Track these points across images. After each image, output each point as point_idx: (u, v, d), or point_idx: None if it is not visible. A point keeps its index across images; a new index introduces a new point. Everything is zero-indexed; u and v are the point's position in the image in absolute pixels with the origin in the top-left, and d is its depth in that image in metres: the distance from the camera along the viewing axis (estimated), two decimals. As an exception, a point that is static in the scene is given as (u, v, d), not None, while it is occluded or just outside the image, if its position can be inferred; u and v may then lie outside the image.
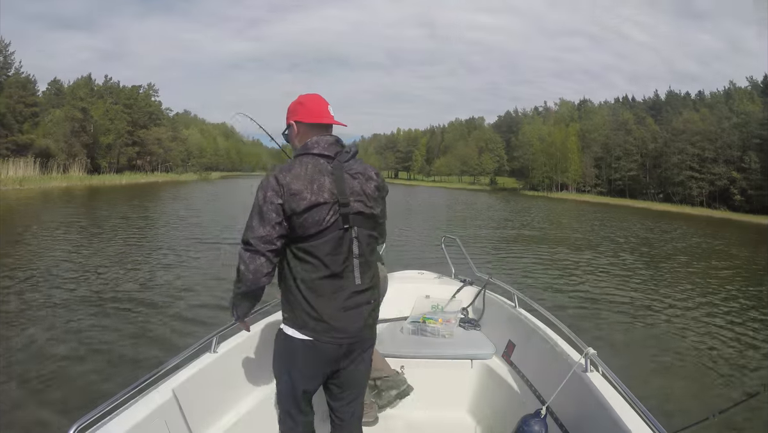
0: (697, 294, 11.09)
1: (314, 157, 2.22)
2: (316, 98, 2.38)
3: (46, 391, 5.46)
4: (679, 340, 7.54)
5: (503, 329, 3.86)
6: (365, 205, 2.25)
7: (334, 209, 2.15)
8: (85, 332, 7.16)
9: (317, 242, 2.15)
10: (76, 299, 8.79)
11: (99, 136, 59.84)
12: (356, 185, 2.23)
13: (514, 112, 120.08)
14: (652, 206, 64.90)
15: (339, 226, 2.17)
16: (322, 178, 2.16)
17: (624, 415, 2.25)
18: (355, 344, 2.29)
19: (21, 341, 6.74)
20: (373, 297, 2.33)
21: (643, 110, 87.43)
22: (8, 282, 9.80)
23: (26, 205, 26.96)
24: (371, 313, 2.32)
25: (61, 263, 11.82)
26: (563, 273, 13.73)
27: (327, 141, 2.26)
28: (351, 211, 2.19)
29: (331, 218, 2.15)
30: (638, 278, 13.65)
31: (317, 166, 2.19)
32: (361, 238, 2.24)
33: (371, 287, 2.32)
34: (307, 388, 2.34)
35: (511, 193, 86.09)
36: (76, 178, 50.40)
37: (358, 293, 2.24)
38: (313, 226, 2.13)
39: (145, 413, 2.35)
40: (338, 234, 2.17)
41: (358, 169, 2.27)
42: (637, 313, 8.94)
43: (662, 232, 30.67)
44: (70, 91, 60.89)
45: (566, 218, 37.51)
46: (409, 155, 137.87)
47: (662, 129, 76.04)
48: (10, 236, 15.82)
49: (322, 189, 2.14)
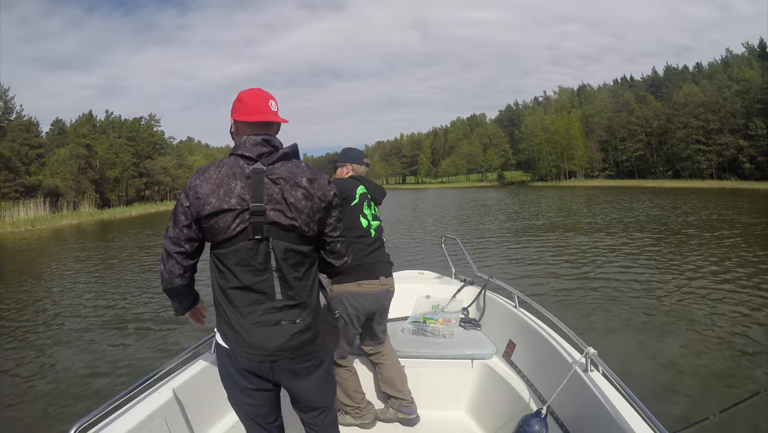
0: (710, 279, 10.98)
1: (235, 159, 2.04)
2: (256, 94, 2.16)
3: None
4: (683, 331, 7.51)
5: (504, 328, 3.85)
6: (284, 215, 2.00)
7: (242, 217, 1.96)
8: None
9: (226, 250, 2.00)
10: (102, 322, 9.23)
11: (105, 171, 60.51)
12: (276, 192, 2.00)
13: (515, 105, 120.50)
14: (662, 184, 64.60)
15: (248, 236, 1.98)
16: (233, 183, 1.98)
17: (625, 415, 2.24)
18: (280, 361, 2.10)
19: (62, 362, 7.17)
20: (300, 316, 2.09)
21: (643, 89, 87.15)
22: (37, 316, 10.22)
23: (40, 244, 27.29)
24: (297, 334, 2.08)
25: (84, 294, 12.23)
26: (573, 263, 13.76)
27: (253, 141, 2.05)
28: (265, 221, 1.98)
29: (237, 227, 1.96)
30: (648, 261, 13.64)
31: (233, 169, 2.01)
32: (278, 251, 2.01)
33: (298, 304, 2.08)
34: (249, 402, 2.19)
35: (520, 186, 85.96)
36: (87, 214, 50.63)
37: (278, 309, 2.04)
38: (219, 233, 1.98)
39: (145, 413, 2.37)
40: (248, 244, 1.98)
41: (282, 174, 2.02)
42: (649, 303, 8.88)
43: (672, 208, 30.36)
44: (72, 129, 61.73)
45: (576, 205, 37.18)
46: (414, 159, 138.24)
47: (664, 105, 75.84)
48: (32, 273, 16.26)
49: (229, 194, 1.96)
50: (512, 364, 3.54)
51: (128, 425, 2.24)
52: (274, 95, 2.14)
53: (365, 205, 3.36)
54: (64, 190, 51.76)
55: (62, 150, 55.76)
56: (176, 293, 2.15)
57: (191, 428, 2.66)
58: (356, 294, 3.23)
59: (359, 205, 3.32)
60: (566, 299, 9.52)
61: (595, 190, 56.26)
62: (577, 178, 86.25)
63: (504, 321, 3.90)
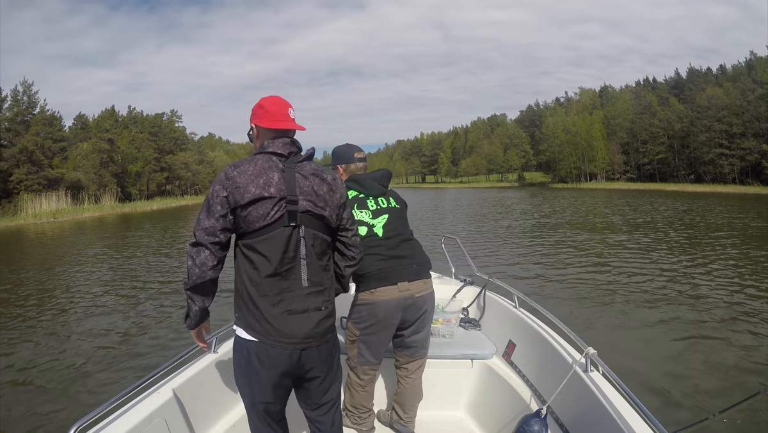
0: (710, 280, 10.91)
1: (266, 155, 2.21)
2: (276, 102, 2.32)
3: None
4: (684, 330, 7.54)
5: (503, 328, 3.85)
6: (315, 205, 2.20)
7: (280, 205, 2.13)
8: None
9: (261, 237, 2.11)
10: (117, 313, 9.57)
11: (127, 165, 61.49)
12: (307, 185, 2.20)
13: (536, 106, 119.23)
14: (684, 188, 63.22)
15: (284, 222, 2.13)
16: (271, 174, 2.14)
17: (624, 415, 2.25)
18: (309, 350, 2.20)
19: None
20: (324, 303, 2.24)
21: (665, 91, 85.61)
22: (63, 304, 10.70)
23: (62, 236, 27.89)
24: (322, 320, 2.22)
25: (100, 285, 12.69)
26: (576, 263, 13.96)
27: (282, 141, 2.23)
28: (299, 210, 2.16)
29: (275, 214, 2.12)
30: (649, 262, 13.69)
31: (267, 163, 2.17)
32: (308, 238, 2.18)
33: (322, 291, 2.24)
34: (266, 399, 2.24)
35: (540, 188, 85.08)
36: (108, 207, 51.51)
37: (306, 296, 2.18)
38: (257, 220, 2.10)
39: (145, 413, 2.38)
40: (284, 231, 2.13)
41: (311, 171, 2.24)
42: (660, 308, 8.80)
43: (684, 211, 30.01)
44: (95, 124, 62.89)
45: (597, 209, 36.84)
46: (434, 158, 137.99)
47: (687, 108, 74.23)
48: (55, 263, 16.78)
49: (268, 184, 2.12)
50: (512, 364, 3.55)
51: (128, 425, 2.25)
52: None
53: (356, 210, 3.05)
54: (86, 184, 52.47)
55: (85, 144, 56.81)
56: (204, 289, 2.16)
57: (191, 428, 2.67)
58: (370, 303, 2.98)
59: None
60: (566, 299, 9.55)
61: (616, 194, 55.20)
62: (598, 180, 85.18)
63: (504, 321, 3.91)
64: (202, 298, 2.19)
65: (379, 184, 3.21)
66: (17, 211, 42.93)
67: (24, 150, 46.74)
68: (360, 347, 3.11)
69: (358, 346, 3.11)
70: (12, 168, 46.16)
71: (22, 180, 46.02)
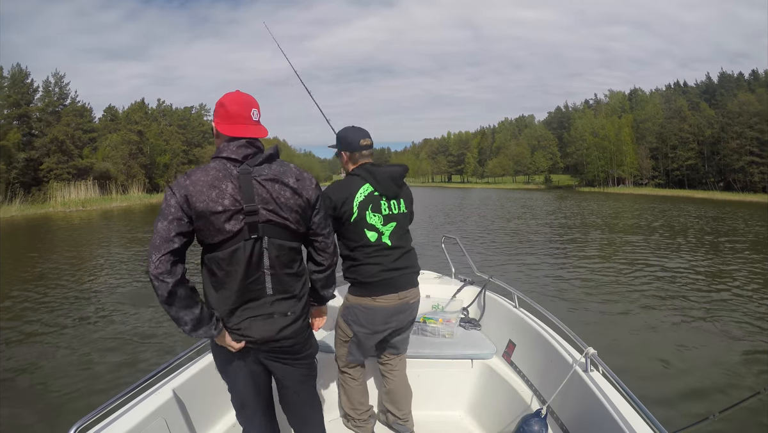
0: (711, 281, 10.89)
1: (221, 161, 2.07)
2: (238, 100, 2.16)
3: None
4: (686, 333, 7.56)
5: (503, 328, 3.84)
6: (276, 214, 2.08)
7: (237, 218, 2.01)
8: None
9: (222, 252, 2.03)
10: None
11: (155, 157, 62.76)
12: (264, 192, 2.06)
13: (564, 107, 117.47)
14: (713, 196, 61.42)
15: (245, 236, 2.03)
16: (224, 184, 2.01)
17: (625, 414, 2.25)
18: (274, 353, 2.22)
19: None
20: (292, 310, 2.18)
21: (696, 95, 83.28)
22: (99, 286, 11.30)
23: (90, 224, 28.93)
24: (288, 325, 2.17)
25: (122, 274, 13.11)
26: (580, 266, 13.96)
27: (236, 144, 2.09)
28: (260, 220, 2.05)
29: (233, 227, 2.01)
30: (651, 263, 13.56)
31: (221, 171, 2.03)
32: (271, 249, 2.09)
33: (290, 298, 2.18)
34: (243, 387, 2.30)
35: (567, 191, 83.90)
36: (136, 197, 52.86)
37: (270, 304, 2.13)
38: (215, 234, 2.01)
39: (145, 413, 2.36)
40: (245, 245, 2.04)
41: (269, 175, 2.08)
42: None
43: (696, 218, 29.07)
44: (124, 116, 64.26)
45: (621, 212, 36.11)
46: (461, 158, 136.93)
47: (718, 113, 72.17)
48: (87, 248, 17.66)
49: (222, 196, 1.99)
50: (512, 364, 3.54)
51: (128, 425, 2.25)
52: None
53: (370, 211, 2.93)
54: (115, 174, 53.63)
55: (114, 135, 58.06)
56: (174, 295, 1.97)
57: (191, 428, 2.66)
58: (370, 308, 2.99)
59: (361, 215, 2.91)
60: (567, 299, 9.63)
61: (643, 200, 53.35)
62: (625, 185, 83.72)
63: (504, 321, 3.90)
64: (178, 309, 2.00)
65: (395, 184, 3.02)
66: (46, 199, 44.32)
67: (54, 140, 48.25)
68: (351, 347, 3.13)
69: (349, 346, 3.13)
70: (42, 157, 47.81)
71: (52, 169, 47.59)
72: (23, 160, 46.26)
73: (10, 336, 7.74)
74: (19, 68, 50.20)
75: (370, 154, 3.05)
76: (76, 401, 5.42)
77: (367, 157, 3.04)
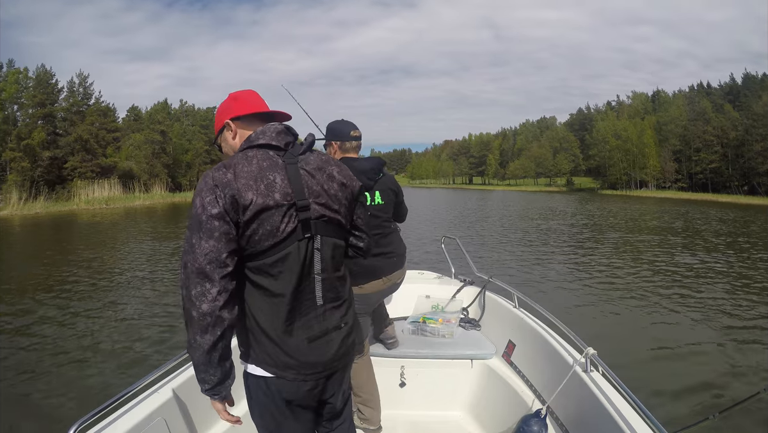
0: (711, 282, 10.86)
1: (261, 149, 1.75)
2: (249, 92, 1.92)
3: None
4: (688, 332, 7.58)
5: (503, 329, 3.84)
6: (328, 208, 1.78)
7: (290, 214, 1.68)
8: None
9: (272, 259, 1.67)
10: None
11: (178, 156, 63.69)
12: (314, 184, 1.76)
13: (586, 109, 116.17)
14: (737, 200, 59.99)
15: (299, 236, 1.70)
16: (273, 175, 1.68)
17: (625, 415, 2.24)
18: (333, 374, 1.88)
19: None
20: (344, 319, 1.87)
21: (720, 97, 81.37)
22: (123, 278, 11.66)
23: (113, 221, 29.34)
24: (344, 339, 1.86)
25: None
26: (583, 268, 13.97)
27: (275, 129, 1.79)
28: (312, 216, 1.73)
29: (287, 226, 1.67)
30: (652, 264, 13.64)
31: (266, 160, 1.71)
32: (325, 249, 1.77)
33: (339, 305, 1.85)
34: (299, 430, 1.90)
35: (589, 194, 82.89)
36: (159, 196, 53.83)
37: (323, 315, 1.79)
38: (266, 238, 1.65)
39: (145, 412, 2.34)
40: (299, 246, 1.70)
41: (315, 164, 1.80)
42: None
43: (701, 220, 28.53)
44: (148, 116, 65.30)
45: (641, 216, 35.58)
46: (482, 160, 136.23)
47: (742, 115, 70.71)
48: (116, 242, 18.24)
49: (272, 189, 1.66)
50: (512, 364, 3.55)
51: (128, 425, 2.22)
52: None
53: None
54: (138, 173, 54.58)
55: (137, 135, 58.97)
56: (221, 338, 1.62)
57: (191, 428, 2.63)
58: (359, 295, 2.86)
59: None
60: (567, 299, 9.68)
61: (667, 204, 51.79)
62: (648, 188, 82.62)
63: (504, 321, 3.91)
64: (220, 358, 1.67)
65: (365, 177, 3.00)
66: (70, 197, 45.29)
67: (79, 139, 49.41)
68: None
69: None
70: (67, 156, 49.09)
71: (77, 167, 48.77)
72: (48, 158, 47.70)
73: (11, 329, 8.00)
74: (44, 69, 51.75)
75: (358, 146, 3.10)
76: (76, 401, 5.43)
77: (355, 148, 3.09)
